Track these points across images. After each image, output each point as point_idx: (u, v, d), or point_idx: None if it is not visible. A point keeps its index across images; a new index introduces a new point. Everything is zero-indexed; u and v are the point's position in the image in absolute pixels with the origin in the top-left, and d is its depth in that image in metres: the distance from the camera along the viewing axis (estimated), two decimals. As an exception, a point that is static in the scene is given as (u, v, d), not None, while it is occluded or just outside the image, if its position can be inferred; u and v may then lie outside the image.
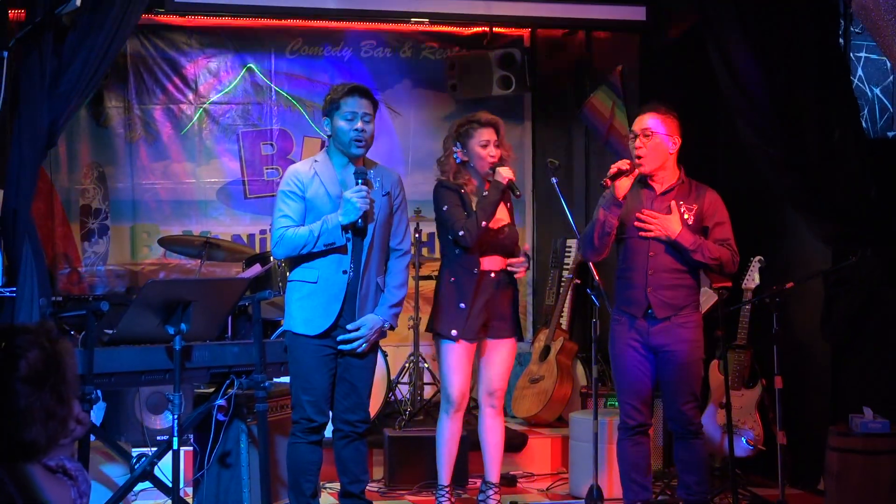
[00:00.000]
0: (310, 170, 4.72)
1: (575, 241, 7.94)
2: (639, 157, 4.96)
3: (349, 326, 4.68)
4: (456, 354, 5.17)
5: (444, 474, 5.32)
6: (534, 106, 8.74)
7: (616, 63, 7.72)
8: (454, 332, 5.12)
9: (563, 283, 7.81)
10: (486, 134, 5.18)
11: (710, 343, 6.39)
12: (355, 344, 4.68)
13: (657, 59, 7.31)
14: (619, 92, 7.61)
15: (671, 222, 4.93)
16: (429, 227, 7.39)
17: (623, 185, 4.92)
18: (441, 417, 5.27)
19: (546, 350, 7.48)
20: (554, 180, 5.33)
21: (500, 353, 5.30)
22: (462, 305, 5.11)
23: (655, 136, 4.95)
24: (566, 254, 8.17)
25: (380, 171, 4.86)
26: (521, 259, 5.24)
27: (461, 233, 5.12)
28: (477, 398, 5.60)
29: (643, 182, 5.04)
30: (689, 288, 5.00)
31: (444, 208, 5.20)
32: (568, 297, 7.67)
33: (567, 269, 7.94)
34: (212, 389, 5.13)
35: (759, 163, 6.16)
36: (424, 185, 7.58)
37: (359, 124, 4.65)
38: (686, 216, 4.97)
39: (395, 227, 4.85)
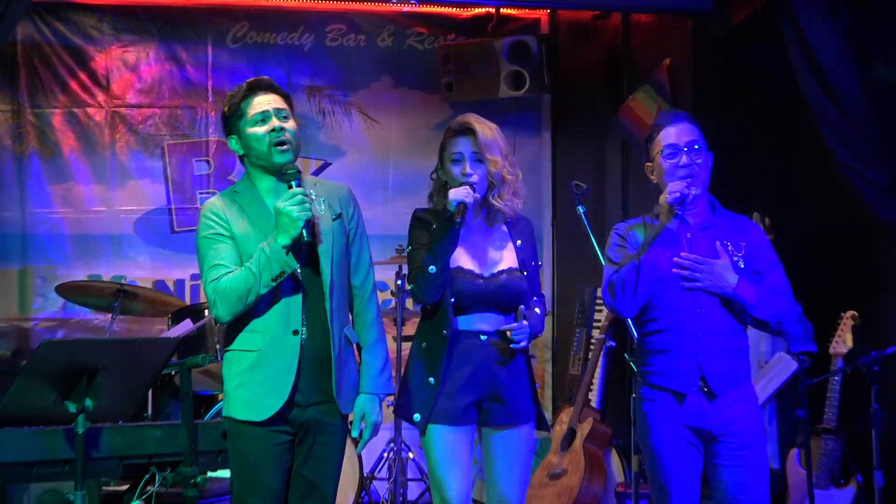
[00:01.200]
0: (231, 204, 4.68)
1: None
2: (690, 178, 4.96)
3: (354, 434, 4.70)
4: (444, 444, 5.03)
5: None
6: (554, 112, 8.78)
7: (662, 55, 7.76)
8: (416, 417, 5.04)
9: (592, 346, 7.80)
10: (457, 145, 5.09)
11: (789, 426, 6.40)
12: (364, 444, 4.80)
13: (715, 50, 7.35)
14: (666, 93, 7.65)
15: (724, 270, 4.91)
16: (415, 272, 7.39)
17: (675, 216, 4.92)
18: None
19: (570, 435, 7.46)
20: (581, 210, 5.32)
21: (507, 449, 5.05)
22: (431, 380, 5.01)
23: (701, 149, 4.97)
24: (596, 307, 8.17)
25: (322, 187, 4.82)
26: (517, 327, 4.94)
27: (410, 286, 5.08)
28: None
29: (675, 215, 5.04)
30: (744, 353, 5.01)
31: (408, 250, 5.15)
32: (599, 364, 7.66)
33: (598, 328, 7.93)
34: (126, 486, 5.11)
35: (852, 189, 6.17)
36: (409, 216, 7.61)
37: (273, 122, 4.66)
38: (736, 259, 4.96)
39: (356, 259, 4.82)
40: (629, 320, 5.37)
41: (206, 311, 6.74)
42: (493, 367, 4.94)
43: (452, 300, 4.90)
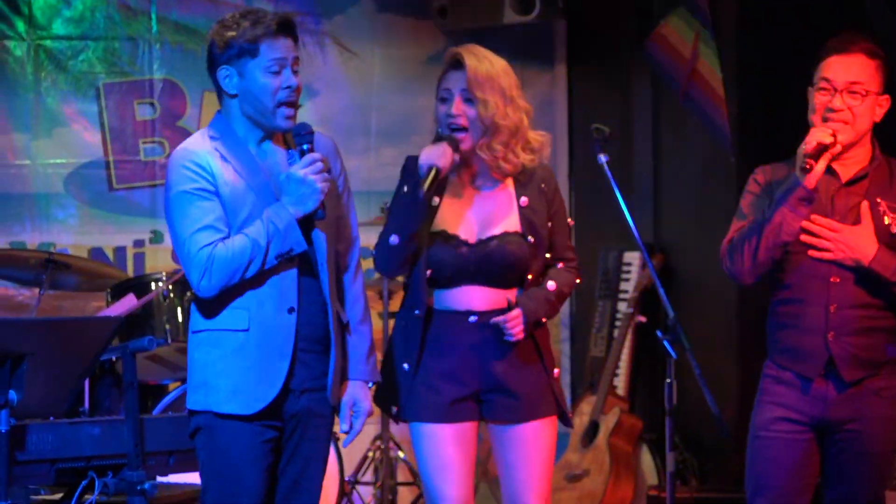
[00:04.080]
0: (211, 152, 4.67)
1: (636, 254, 7.97)
2: (835, 124, 4.93)
3: (343, 426, 4.71)
4: (431, 444, 5.02)
5: None
6: (570, 41, 8.79)
7: (701, -30, 7.77)
8: (392, 409, 5.04)
9: (618, 323, 7.84)
10: (445, 80, 5.05)
11: None
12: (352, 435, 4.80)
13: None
14: (705, 17, 7.65)
15: (860, 238, 4.89)
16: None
17: (818, 170, 4.87)
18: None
19: (592, 429, 7.50)
20: (603, 158, 5.32)
21: (518, 449, 5.01)
22: (405, 367, 4.99)
23: (869, 92, 4.93)
24: (623, 275, 8.19)
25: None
26: (506, 317, 4.83)
27: (374, 252, 5.04)
28: None
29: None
30: (889, 333, 4.98)
31: (388, 206, 5.11)
32: (627, 343, 7.70)
33: (625, 300, 7.96)
34: (60, 495, 5.13)
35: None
36: (397, 168, 7.57)
37: (289, 77, 4.62)
38: (888, 221, 4.94)
39: (343, 224, 4.83)
40: (660, 290, 5.38)
41: (153, 285, 6.77)
42: (487, 352, 4.91)
43: (429, 272, 4.89)
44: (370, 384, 4.78)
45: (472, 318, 4.88)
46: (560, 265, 5.01)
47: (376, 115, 8.61)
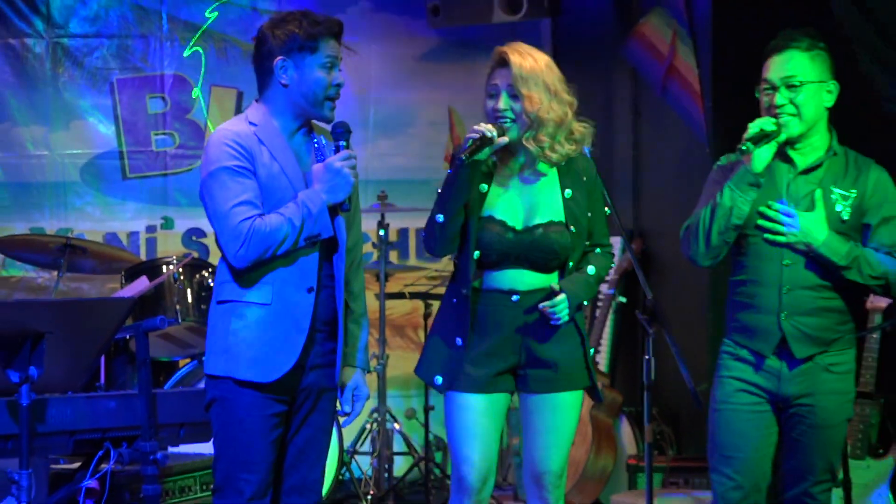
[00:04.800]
0: (251, 135, 4.69)
1: (617, 239, 7.95)
2: (786, 117, 4.95)
3: (345, 408, 4.80)
4: (465, 414, 5.01)
5: None
6: (556, 39, 8.77)
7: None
8: (438, 380, 5.04)
9: (599, 303, 7.83)
10: (493, 77, 5.03)
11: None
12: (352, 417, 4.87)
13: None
14: (682, 17, 7.64)
15: (812, 223, 4.91)
16: (399, 220, 7.41)
17: (764, 156, 4.89)
18: (451, 511, 5.18)
19: (575, 403, 7.51)
20: (587, 150, 5.33)
21: (548, 417, 5.02)
22: (458, 342, 5.00)
23: (806, 84, 4.94)
24: (605, 259, 8.20)
25: (325, 134, 4.86)
26: (553, 301, 4.83)
27: (423, 233, 5.07)
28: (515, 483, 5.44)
29: (779, 153, 5.01)
30: (839, 313, 4.97)
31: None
32: (607, 322, 7.70)
33: (606, 282, 7.96)
34: (77, 464, 5.13)
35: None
36: (393, 158, 7.60)
37: (339, 76, 4.68)
38: (839, 208, 4.94)
39: (355, 221, 4.87)
40: (638, 272, 5.39)
41: (164, 268, 6.77)
42: (528, 331, 4.92)
43: (476, 254, 4.91)
44: (366, 372, 4.86)
45: (515, 298, 4.88)
46: (597, 250, 5.04)
47: (374, 109, 8.59)
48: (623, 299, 7.58)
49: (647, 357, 5.29)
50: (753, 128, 4.80)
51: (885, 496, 6.31)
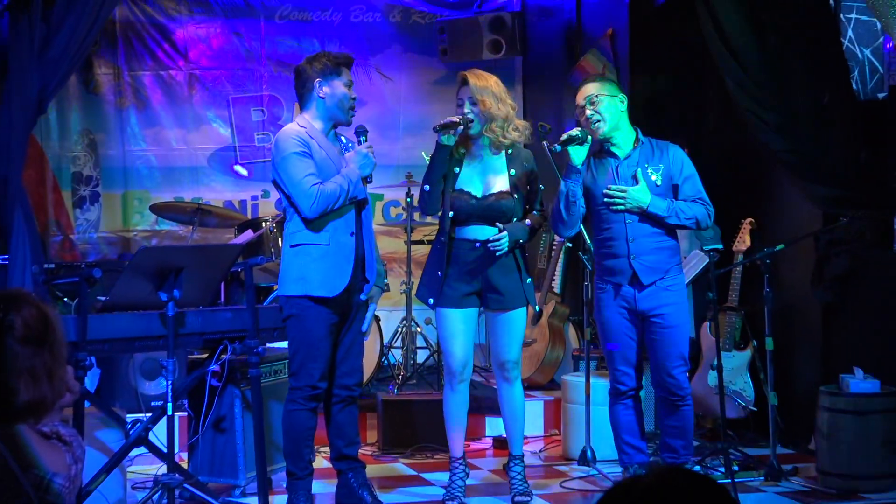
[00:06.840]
0: (304, 133, 4.73)
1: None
2: (595, 123, 4.98)
3: (363, 296, 4.84)
4: (447, 322, 5.05)
5: (455, 446, 5.08)
6: (525, 70, 8.69)
7: (606, 27, 7.67)
8: (430, 301, 5.04)
9: (554, 247, 7.79)
10: (459, 92, 5.06)
11: (702, 305, 6.41)
12: (366, 324, 4.91)
13: (647, 22, 7.25)
14: (609, 55, 7.56)
15: (639, 193, 4.92)
16: (419, 192, 7.35)
17: (579, 154, 4.91)
18: (444, 389, 5.19)
19: (538, 313, 7.47)
20: (545, 144, 5.29)
21: (501, 325, 5.02)
22: (439, 273, 5.02)
23: (601, 98, 4.98)
24: (557, 218, 8.15)
25: (341, 135, 4.96)
26: (495, 236, 4.85)
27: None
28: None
29: (606, 150, 5.06)
30: (670, 249, 5.02)
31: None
32: (559, 260, 7.66)
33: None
34: (205, 355, 5.12)
35: (750, 126, 6.13)
36: (415, 150, 7.54)
37: (352, 93, 4.78)
38: (654, 178, 4.97)
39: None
40: (583, 230, 5.38)
41: (264, 224, 6.74)
42: (485, 265, 4.93)
43: (451, 214, 4.92)
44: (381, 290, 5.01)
45: (477, 245, 4.92)
46: (534, 212, 5.07)
47: (402, 117, 8.55)
48: (570, 245, 7.54)
49: (585, 284, 5.32)
50: (564, 136, 4.88)
51: (746, 378, 6.29)
